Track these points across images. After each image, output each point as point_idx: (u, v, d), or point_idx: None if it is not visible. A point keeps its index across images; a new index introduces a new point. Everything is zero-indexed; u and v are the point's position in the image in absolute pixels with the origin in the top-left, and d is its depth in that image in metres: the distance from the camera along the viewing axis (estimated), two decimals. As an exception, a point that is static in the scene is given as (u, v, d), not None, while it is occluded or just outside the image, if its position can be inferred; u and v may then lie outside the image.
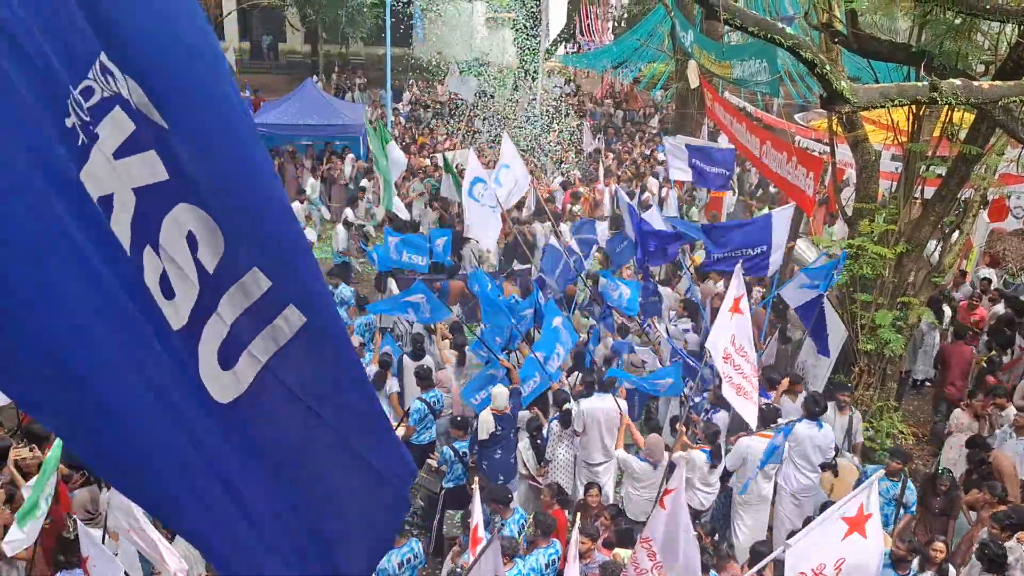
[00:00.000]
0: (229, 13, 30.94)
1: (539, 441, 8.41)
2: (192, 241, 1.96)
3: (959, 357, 10.14)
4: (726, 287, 11.63)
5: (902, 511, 7.47)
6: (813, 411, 7.81)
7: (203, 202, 1.95)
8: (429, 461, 8.43)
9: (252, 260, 2.04)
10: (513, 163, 12.59)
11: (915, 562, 6.39)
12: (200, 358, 2.00)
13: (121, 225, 1.83)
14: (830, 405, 8.34)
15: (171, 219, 1.92)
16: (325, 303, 2.21)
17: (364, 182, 18.11)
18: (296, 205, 16.32)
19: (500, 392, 8.13)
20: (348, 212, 15.83)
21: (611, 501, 8.17)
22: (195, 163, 1.93)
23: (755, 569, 5.58)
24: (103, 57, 1.79)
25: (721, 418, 8.56)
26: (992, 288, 12.13)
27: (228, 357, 2.05)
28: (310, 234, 15.69)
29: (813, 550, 5.07)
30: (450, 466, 8.09)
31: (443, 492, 8.17)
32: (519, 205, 16.13)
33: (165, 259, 1.91)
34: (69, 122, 1.70)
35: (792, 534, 5.42)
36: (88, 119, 1.75)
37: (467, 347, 10.06)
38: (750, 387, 6.74)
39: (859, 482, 7.53)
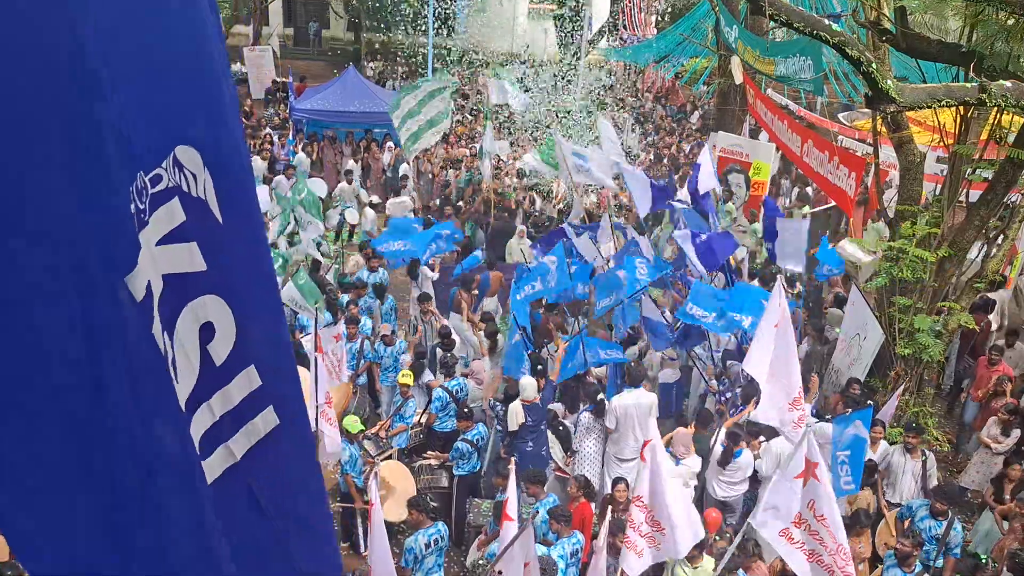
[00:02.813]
0: (273, 0, 31.23)
1: (560, 428, 8.44)
2: (208, 332, 2.07)
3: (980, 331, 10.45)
4: (761, 284, 11.62)
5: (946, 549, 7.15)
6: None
7: (230, 297, 2.07)
8: (424, 462, 8.44)
9: (251, 359, 2.17)
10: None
11: None
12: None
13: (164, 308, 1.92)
14: (898, 448, 8.07)
15: (191, 308, 2.03)
16: (298, 407, 2.36)
17: (404, 167, 18.20)
18: (344, 186, 16.51)
19: (529, 383, 8.16)
20: (374, 197, 16.07)
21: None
22: (233, 259, 2.07)
23: (733, 545, 5.92)
24: (181, 148, 1.90)
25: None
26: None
27: (205, 448, 2.14)
28: (351, 215, 15.83)
29: (782, 510, 5.58)
30: (467, 457, 8.13)
31: (456, 481, 8.22)
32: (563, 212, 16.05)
33: (176, 345, 1.99)
34: (132, 208, 1.76)
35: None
36: (143, 207, 1.82)
37: (498, 335, 10.10)
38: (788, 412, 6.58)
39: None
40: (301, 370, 9.28)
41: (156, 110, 1.81)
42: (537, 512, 6.94)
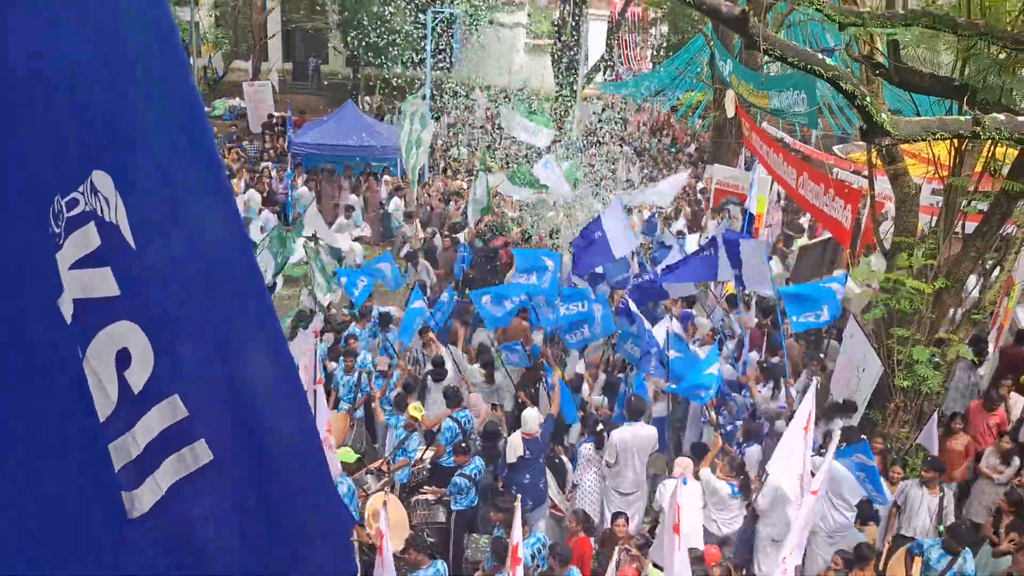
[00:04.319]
0: (273, 35, 31.50)
1: (556, 461, 8.36)
2: (124, 358, 2.01)
3: (1013, 358, 10.36)
4: (761, 314, 11.61)
5: None
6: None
7: (146, 324, 2.01)
8: (420, 497, 8.35)
9: (174, 388, 2.09)
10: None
11: None
12: None
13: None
14: (914, 483, 7.93)
15: (106, 334, 1.97)
16: (241, 448, 2.25)
17: (395, 200, 18.32)
18: (343, 221, 16.58)
19: (531, 415, 8.11)
20: (359, 230, 16.23)
21: (639, 531, 8.09)
22: (149, 285, 2.00)
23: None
24: (96, 172, 1.87)
25: (754, 452, 8.46)
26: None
27: (131, 479, 2.07)
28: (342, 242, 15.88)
29: (791, 461, 6.44)
30: (465, 492, 8.06)
31: (454, 516, 8.14)
32: None
33: (87, 371, 1.95)
34: (51, 230, 1.76)
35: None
36: (59, 230, 1.81)
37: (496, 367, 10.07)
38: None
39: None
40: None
41: (72, 133, 1.79)
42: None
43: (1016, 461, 8.66)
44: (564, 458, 8.68)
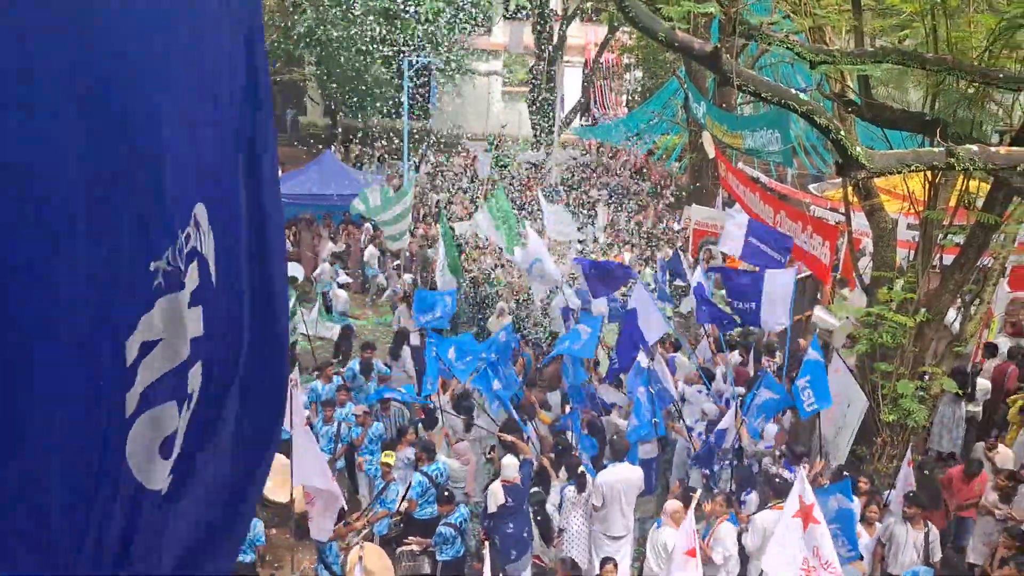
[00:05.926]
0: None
1: (539, 518, 8.19)
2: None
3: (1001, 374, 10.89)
4: (744, 359, 11.58)
5: None
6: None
7: (205, 366, 1.90)
8: (405, 548, 8.15)
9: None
10: (543, 257, 12.64)
11: None
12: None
13: (148, 372, 1.71)
14: (897, 520, 7.82)
15: (192, 373, 1.86)
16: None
17: (370, 248, 18.36)
18: (326, 267, 16.58)
19: (509, 463, 7.97)
20: (343, 277, 16.23)
21: (627, 576, 7.92)
22: (219, 326, 1.90)
23: None
24: (199, 207, 1.76)
25: (754, 498, 8.35)
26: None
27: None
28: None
29: (787, 557, 5.93)
30: (451, 542, 7.88)
31: (440, 566, 7.95)
32: None
33: (195, 412, 1.84)
34: (154, 265, 1.62)
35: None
36: (180, 267, 1.69)
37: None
38: None
39: None
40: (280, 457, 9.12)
41: (191, 163, 1.68)
42: None
43: (1017, 497, 8.57)
44: (549, 510, 8.47)
